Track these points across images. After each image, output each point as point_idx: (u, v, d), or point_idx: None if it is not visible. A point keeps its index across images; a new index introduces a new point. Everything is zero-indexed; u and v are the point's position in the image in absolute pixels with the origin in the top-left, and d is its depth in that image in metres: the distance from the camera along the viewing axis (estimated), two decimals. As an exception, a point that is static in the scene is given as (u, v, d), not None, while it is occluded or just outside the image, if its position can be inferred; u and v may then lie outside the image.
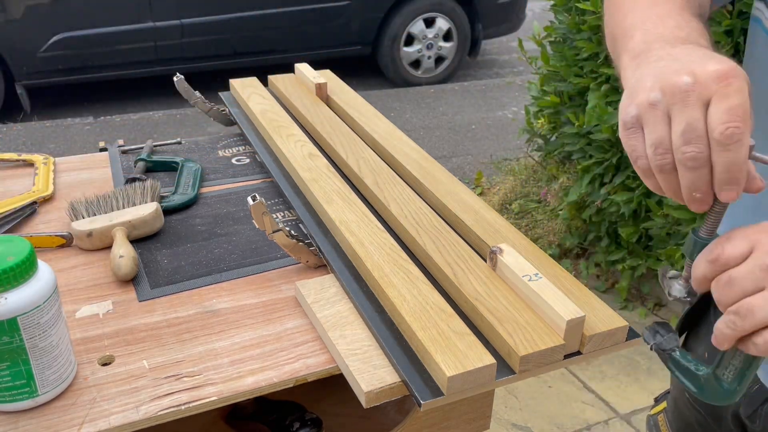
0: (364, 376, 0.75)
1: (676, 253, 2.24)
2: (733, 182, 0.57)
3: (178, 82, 1.33)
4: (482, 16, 5.05)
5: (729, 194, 0.57)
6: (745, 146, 0.56)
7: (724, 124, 0.55)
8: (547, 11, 2.93)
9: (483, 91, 4.84)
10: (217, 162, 1.29)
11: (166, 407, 0.73)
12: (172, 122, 4.21)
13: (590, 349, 0.78)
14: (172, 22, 4.32)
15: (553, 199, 2.92)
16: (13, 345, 0.69)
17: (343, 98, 1.40)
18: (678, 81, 0.57)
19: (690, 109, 0.56)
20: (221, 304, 0.90)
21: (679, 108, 0.57)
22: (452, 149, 3.96)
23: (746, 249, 0.59)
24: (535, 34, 2.74)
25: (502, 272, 0.85)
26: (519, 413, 2.12)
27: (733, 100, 0.55)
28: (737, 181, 0.57)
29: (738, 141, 0.55)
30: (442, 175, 1.11)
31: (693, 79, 0.56)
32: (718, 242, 0.61)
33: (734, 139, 0.55)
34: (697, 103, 0.56)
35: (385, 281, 0.85)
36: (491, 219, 0.99)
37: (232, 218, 1.10)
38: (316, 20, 4.64)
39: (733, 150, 0.55)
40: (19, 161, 1.25)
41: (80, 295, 0.91)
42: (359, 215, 0.98)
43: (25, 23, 4.04)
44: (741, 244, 0.59)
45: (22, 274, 0.69)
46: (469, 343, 0.75)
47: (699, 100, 0.56)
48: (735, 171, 0.56)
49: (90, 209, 1.03)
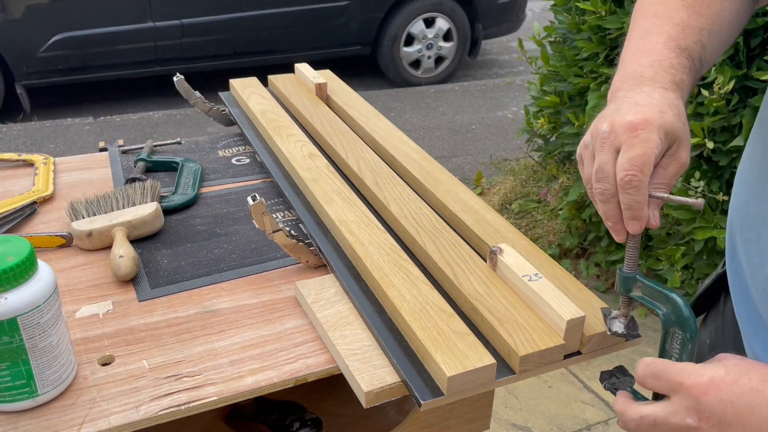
0: (364, 376, 0.75)
1: (676, 253, 2.24)
2: (635, 218, 0.67)
3: (178, 82, 1.33)
4: (482, 16, 5.04)
5: (633, 227, 0.68)
6: (643, 189, 0.66)
7: (624, 171, 0.66)
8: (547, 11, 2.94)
9: (483, 91, 4.84)
10: (217, 162, 1.29)
11: (166, 407, 0.73)
12: (172, 122, 4.21)
13: (590, 349, 0.78)
14: (172, 22, 4.32)
15: (553, 199, 2.92)
16: (13, 345, 0.69)
17: (343, 98, 1.40)
18: (600, 128, 0.69)
19: (603, 154, 0.68)
20: (221, 304, 0.90)
21: (597, 151, 0.69)
22: (452, 149, 3.96)
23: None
24: (535, 34, 2.74)
25: (502, 272, 0.85)
26: (519, 413, 2.12)
27: (636, 150, 0.65)
28: (638, 217, 0.67)
29: (635, 186, 0.65)
30: (442, 175, 1.11)
31: (609, 129, 0.68)
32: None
33: (632, 185, 0.65)
34: (609, 149, 0.67)
35: (385, 281, 0.85)
36: (491, 219, 0.99)
37: (232, 218, 1.10)
38: (316, 20, 4.64)
39: (631, 193, 0.66)
40: (19, 161, 1.25)
41: (80, 295, 0.91)
42: (359, 215, 0.98)
43: (25, 23, 4.04)
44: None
45: (22, 274, 0.69)
46: (469, 343, 0.75)
47: (612, 146, 0.67)
48: (635, 209, 0.67)
49: (90, 209, 1.03)
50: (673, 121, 0.68)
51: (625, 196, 0.67)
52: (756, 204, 0.79)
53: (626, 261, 0.72)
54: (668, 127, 0.67)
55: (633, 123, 0.66)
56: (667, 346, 0.70)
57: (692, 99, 2.07)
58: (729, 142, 2.00)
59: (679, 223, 2.25)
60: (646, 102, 0.69)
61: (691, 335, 0.68)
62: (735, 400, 0.61)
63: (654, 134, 0.66)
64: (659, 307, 0.70)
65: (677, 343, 0.69)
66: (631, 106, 0.69)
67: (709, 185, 2.09)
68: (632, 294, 0.72)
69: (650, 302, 0.71)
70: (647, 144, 0.66)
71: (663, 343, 0.71)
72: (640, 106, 0.68)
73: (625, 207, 0.67)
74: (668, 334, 0.70)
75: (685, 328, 0.68)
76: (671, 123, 0.67)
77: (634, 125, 0.66)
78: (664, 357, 0.71)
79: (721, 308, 0.95)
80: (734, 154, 2.02)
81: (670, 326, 0.69)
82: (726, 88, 1.90)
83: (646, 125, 0.66)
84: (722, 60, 1.94)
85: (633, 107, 0.68)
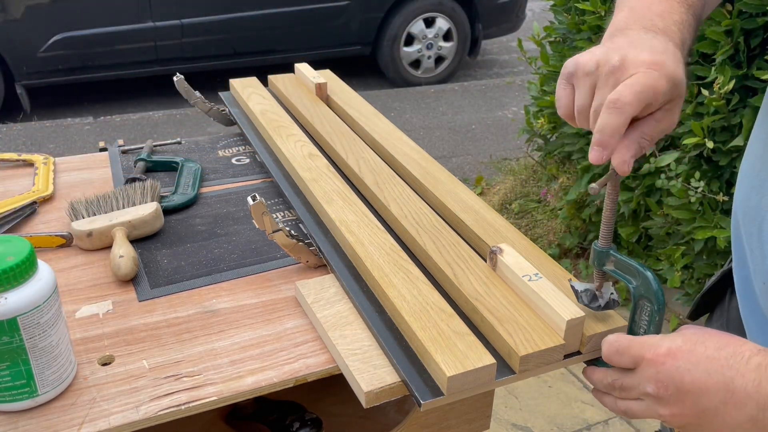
0: (364, 376, 0.75)
1: (676, 253, 2.24)
2: (601, 144, 0.65)
3: (178, 82, 1.33)
4: (482, 16, 5.04)
5: (594, 153, 0.66)
6: (625, 116, 0.63)
7: (616, 93, 0.64)
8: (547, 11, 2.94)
9: (483, 91, 4.84)
10: (217, 162, 1.29)
11: (166, 407, 0.73)
12: (172, 122, 4.21)
13: (590, 349, 0.78)
14: (172, 22, 4.32)
15: (553, 199, 2.92)
16: (13, 345, 0.69)
17: (343, 98, 1.40)
18: (611, 60, 0.65)
19: (608, 89, 0.65)
20: (221, 304, 0.90)
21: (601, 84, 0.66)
22: (452, 149, 3.96)
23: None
24: (535, 34, 2.74)
25: (502, 272, 0.85)
26: (519, 413, 2.12)
27: (640, 78, 0.64)
28: (604, 145, 0.65)
29: (618, 108, 0.63)
30: (442, 175, 1.11)
31: (620, 64, 0.65)
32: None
33: (616, 105, 0.63)
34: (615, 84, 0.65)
35: (385, 281, 0.84)
36: (491, 219, 0.99)
37: (232, 218, 1.10)
38: (316, 20, 4.64)
39: (611, 113, 0.63)
40: (19, 161, 1.25)
41: (80, 295, 0.91)
42: (359, 215, 0.98)
43: (25, 23, 4.04)
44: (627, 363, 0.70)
45: (22, 274, 0.69)
46: (469, 343, 0.75)
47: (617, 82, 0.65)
48: (606, 133, 0.64)
49: (90, 209, 1.03)
50: (682, 77, 0.66)
51: (604, 115, 0.64)
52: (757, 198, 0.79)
53: (601, 236, 0.75)
54: (677, 80, 0.66)
55: (647, 61, 0.64)
56: (636, 317, 0.75)
57: (692, 99, 2.07)
58: (729, 142, 2.00)
59: (679, 223, 2.25)
60: (662, 49, 0.67)
61: (659, 307, 0.72)
62: (691, 368, 0.64)
63: (663, 78, 0.64)
64: (630, 281, 0.74)
65: (645, 314, 0.74)
66: (647, 48, 0.66)
67: (709, 185, 2.09)
68: (605, 268, 0.76)
69: (622, 276, 0.75)
70: (653, 79, 0.64)
71: (632, 315, 0.75)
72: (657, 51, 0.66)
73: (598, 128, 0.65)
74: (637, 306, 0.74)
75: (653, 300, 0.72)
76: (680, 78, 0.66)
77: (647, 62, 0.64)
78: (633, 328, 0.75)
79: (726, 306, 0.95)
80: (734, 153, 2.02)
81: (640, 298, 0.74)
82: (726, 88, 1.90)
83: (659, 66, 0.64)
84: (722, 60, 1.94)
85: (649, 49, 0.66)
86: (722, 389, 0.62)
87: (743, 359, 0.62)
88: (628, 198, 2.37)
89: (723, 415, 0.63)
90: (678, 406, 0.65)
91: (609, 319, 0.79)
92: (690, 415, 0.65)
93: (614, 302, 0.78)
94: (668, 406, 0.66)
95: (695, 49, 2.03)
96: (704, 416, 0.64)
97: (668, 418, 0.67)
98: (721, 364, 0.63)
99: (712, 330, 0.67)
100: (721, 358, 0.63)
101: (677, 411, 0.65)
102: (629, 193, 2.37)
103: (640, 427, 2.08)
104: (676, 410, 0.65)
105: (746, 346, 0.63)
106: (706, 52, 2.02)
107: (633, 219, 2.46)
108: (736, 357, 0.63)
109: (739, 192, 0.86)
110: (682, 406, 0.65)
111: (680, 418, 0.66)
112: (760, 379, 0.61)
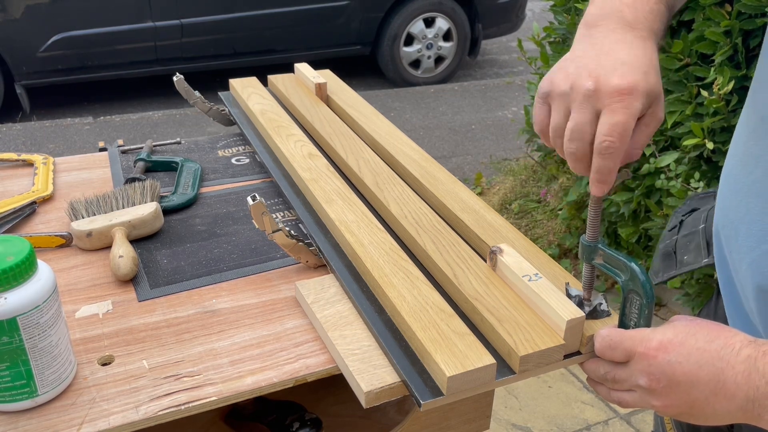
0: (364, 376, 0.75)
1: (676, 253, 2.24)
2: (602, 182, 0.69)
3: (178, 82, 1.33)
4: (482, 16, 5.05)
5: (597, 189, 0.70)
6: (618, 156, 0.67)
7: (604, 137, 0.66)
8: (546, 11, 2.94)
9: (483, 91, 4.84)
10: (217, 162, 1.29)
11: (166, 407, 0.73)
12: (172, 122, 4.21)
13: (590, 349, 0.78)
14: (172, 22, 4.32)
15: (553, 199, 2.92)
16: (13, 345, 0.69)
17: (343, 98, 1.40)
18: (584, 84, 0.67)
19: (583, 113, 0.67)
20: (221, 304, 0.90)
21: (576, 108, 0.68)
22: (452, 149, 3.96)
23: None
24: (535, 34, 2.74)
25: (502, 272, 0.85)
26: (519, 413, 2.12)
27: (618, 117, 0.65)
28: (605, 182, 0.69)
29: (611, 153, 0.66)
30: (442, 175, 1.11)
31: (594, 88, 0.66)
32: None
33: (608, 152, 0.66)
34: (590, 109, 0.67)
35: (385, 281, 0.84)
36: (491, 219, 0.99)
37: (231, 218, 1.10)
38: (315, 20, 4.64)
39: (605, 159, 0.67)
40: (18, 161, 1.25)
41: (80, 295, 0.91)
42: (359, 215, 0.98)
43: (25, 23, 4.04)
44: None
45: (21, 274, 0.68)
46: (469, 343, 0.75)
47: (593, 107, 0.67)
48: (605, 174, 0.68)
49: (89, 209, 1.03)
50: (655, 83, 0.68)
51: (598, 160, 0.67)
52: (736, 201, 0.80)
53: (588, 230, 0.76)
54: (651, 90, 0.67)
55: (620, 88, 0.66)
56: (626, 310, 0.75)
57: (692, 99, 2.07)
58: (729, 143, 2.00)
59: (678, 223, 2.24)
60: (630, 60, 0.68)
61: (648, 300, 0.72)
62: (683, 360, 0.65)
63: (638, 101, 0.66)
64: (619, 275, 0.75)
65: (635, 308, 0.74)
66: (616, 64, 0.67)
67: (709, 185, 2.09)
68: (594, 262, 0.77)
69: (611, 269, 0.75)
70: (630, 111, 0.66)
71: (623, 308, 0.75)
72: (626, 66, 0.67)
73: (596, 170, 0.68)
74: (627, 299, 0.75)
75: (642, 293, 0.73)
76: (653, 85, 0.68)
77: (620, 91, 0.66)
78: (624, 321, 0.76)
79: (713, 307, 0.96)
80: (734, 154, 2.02)
81: (629, 292, 0.74)
82: (725, 89, 1.90)
83: (631, 92, 0.66)
84: (721, 60, 1.94)
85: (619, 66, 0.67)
86: (713, 380, 0.64)
87: (733, 351, 0.64)
88: (628, 198, 2.37)
89: (713, 405, 0.65)
90: (670, 397, 0.67)
91: (609, 319, 0.80)
92: (681, 405, 0.67)
93: (603, 312, 0.79)
94: (660, 398, 0.68)
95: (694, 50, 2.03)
96: (695, 406, 0.66)
97: (660, 409, 0.69)
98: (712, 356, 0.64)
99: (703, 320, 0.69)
100: (711, 350, 0.65)
101: (669, 402, 0.67)
102: (629, 194, 2.37)
103: (639, 428, 2.08)
104: (667, 401, 0.67)
105: (737, 337, 0.65)
106: (705, 52, 2.02)
107: (633, 219, 2.46)
108: (727, 349, 0.64)
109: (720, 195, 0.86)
110: (674, 397, 0.67)
111: (672, 408, 0.68)
112: (749, 370, 0.62)
